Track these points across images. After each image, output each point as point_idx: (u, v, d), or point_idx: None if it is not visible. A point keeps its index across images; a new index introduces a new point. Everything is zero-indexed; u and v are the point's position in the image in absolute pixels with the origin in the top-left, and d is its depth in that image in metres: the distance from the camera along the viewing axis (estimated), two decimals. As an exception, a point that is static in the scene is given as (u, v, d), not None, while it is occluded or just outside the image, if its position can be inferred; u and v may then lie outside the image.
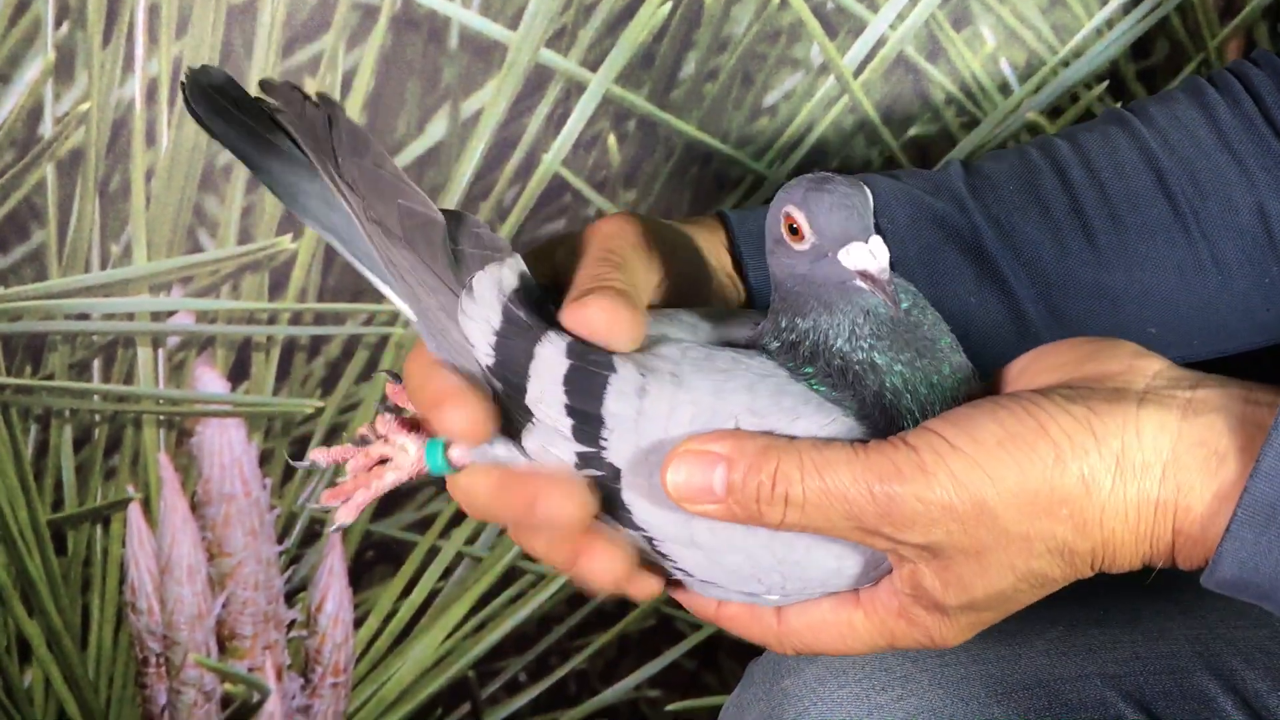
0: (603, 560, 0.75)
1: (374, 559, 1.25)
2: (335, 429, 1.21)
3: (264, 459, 1.21)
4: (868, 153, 1.22)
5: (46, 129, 1.12)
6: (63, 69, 1.11)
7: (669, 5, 1.16)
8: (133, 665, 1.24)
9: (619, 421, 0.74)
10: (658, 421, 0.74)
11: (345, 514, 0.80)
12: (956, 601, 0.73)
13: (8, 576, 1.21)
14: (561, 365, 0.75)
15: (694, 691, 1.32)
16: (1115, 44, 1.23)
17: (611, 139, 1.19)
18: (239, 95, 0.76)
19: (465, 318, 0.75)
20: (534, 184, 1.18)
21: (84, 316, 1.16)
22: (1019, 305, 0.92)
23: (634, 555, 0.76)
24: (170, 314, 1.17)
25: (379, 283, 0.77)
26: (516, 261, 0.76)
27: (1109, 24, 1.22)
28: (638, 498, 0.75)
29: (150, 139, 1.13)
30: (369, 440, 0.80)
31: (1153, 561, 0.72)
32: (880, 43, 1.20)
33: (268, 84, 0.75)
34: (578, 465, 0.75)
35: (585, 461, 0.75)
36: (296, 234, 1.16)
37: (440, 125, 1.16)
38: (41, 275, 1.14)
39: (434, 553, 1.25)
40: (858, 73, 1.20)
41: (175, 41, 1.11)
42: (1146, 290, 0.93)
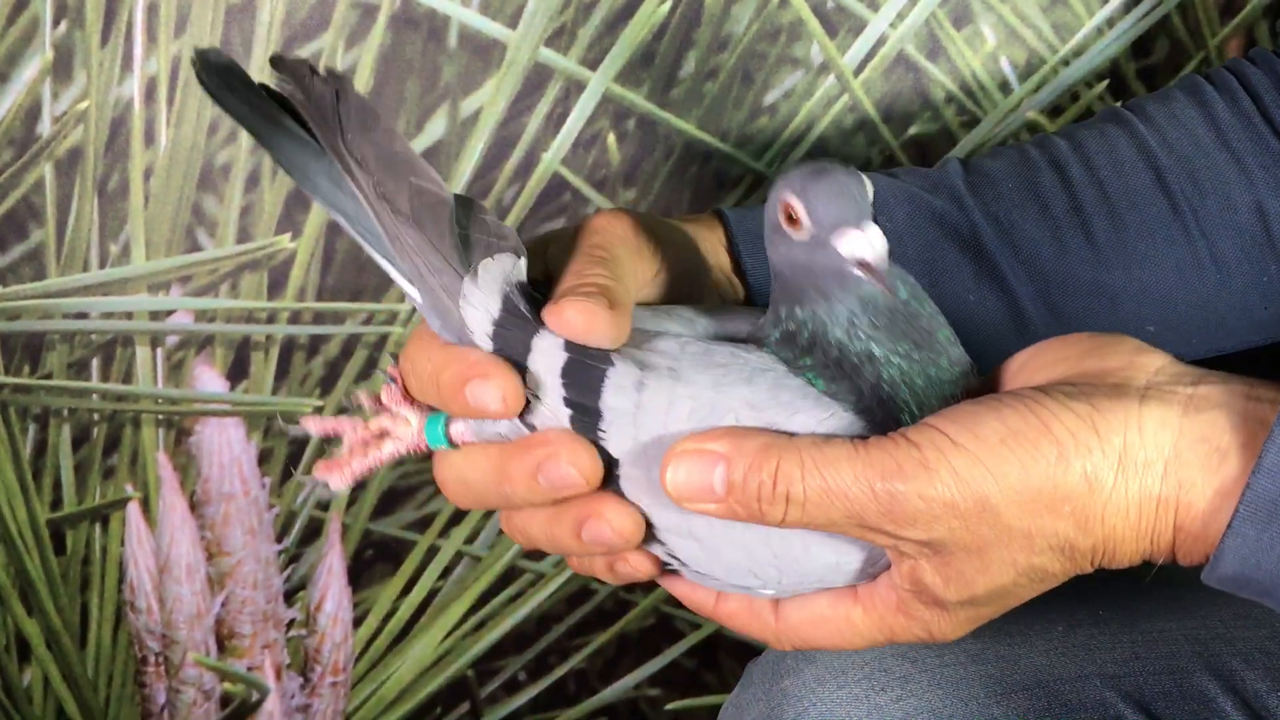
0: (614, 515, 0.74)
1: (373, 558, 1.25)
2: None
3: (263, 458, 1.21)
4: (868, 151, 1.22)
5: (45, 128, 1.12)
6: (61, 68, 1.11)
7: (669, 4, 1.16)
8: (132, 664, 1.24)
9: (617, 415, 0.74)
10: (656, 416, 0.74)
11: (339, 480, 0.80)
12: (957, 597, 0.72)
13: (7, 575, 1.20)
14: (559, 358, 0.75)
15: (693, 690, 1.32)
16: (1116, 43, 1.23)
17: (611, 138, 1.19)
18: (243, 78, 0.76)
19: (466, 303, 0.75)
20: (533, 183, 1.18)
21: (82, 315, 1.15)
22: (1018, 303, 0.92)
23: (640, 519, 0.75)
24: (169, 313, 1.17)
25: (384, 262, 0.77)
26: (521, 258, 0.76)
27: (1109, 23, 1.22)
28: (636, 489, 0.75)
29: (149, 138, 1.13)
30: (364, 408, 0.80)
31: (1153, 558, 0.72)
32: (880, 41, 1.20)
33: (278, 59, 0.75)
34: None
35: None
36: (295, 233, 1.16)
37: (439, 124, 1.16)
38: (40, 274, 1.14)
39: (433, 551, 1.25)
40: (858, 71, 1.20)
41: (174, 40, 1.11)
42: (1145, 288, 0.93)
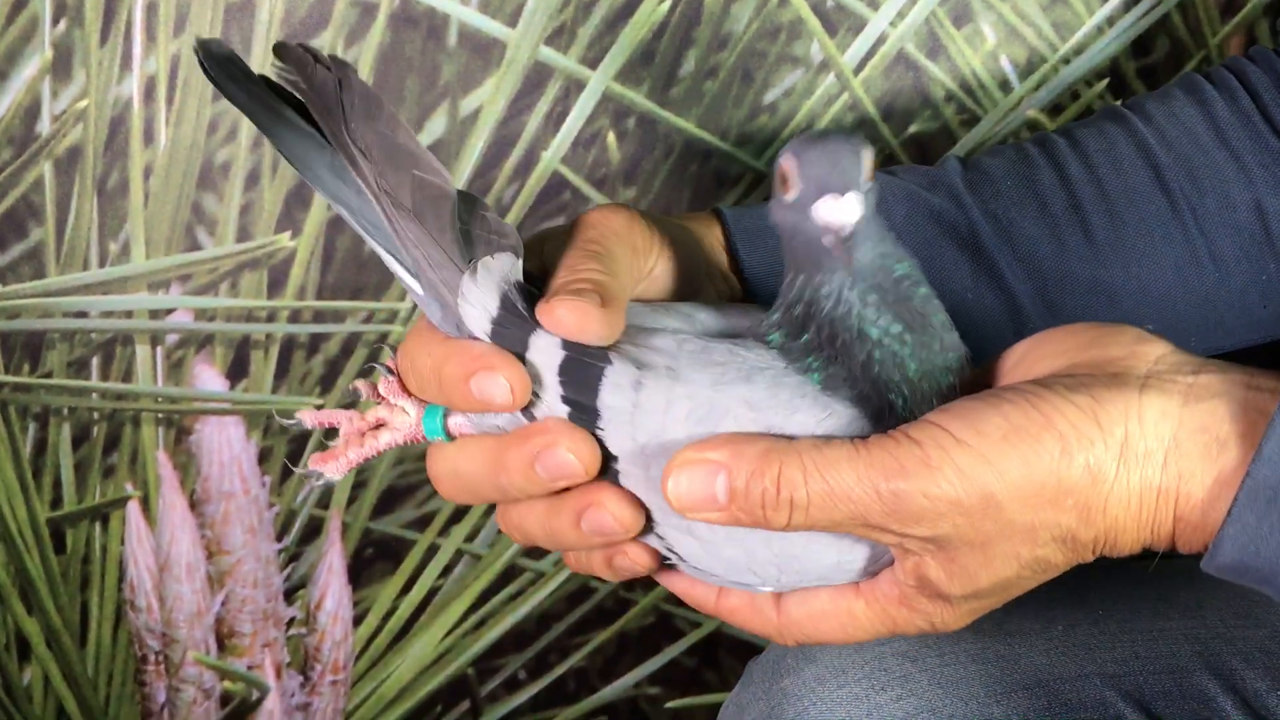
0: (614, 503, 0.74)
1: (373, 556, 1.25)
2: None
3: (263, 457, 1.21)
4: (868, 150, 1.22)
5: (44, 127, 1.12)
6: (60, 67, 1.11)
7: (668, 3, 1.16)
8: (132, 663, 1.24)
9: (615, 414, 0.74)
10: (654, 415, 0.74)
11: (334, 469, 0.80)
12: (961, 591, 0.73)
13: (7, 574, 1.20)
14: (557, 356, 0.75)
15: (694, 689, 1.32)
16: (1116, 41, 1.22)
17: (611, 136, 1.19)
18: (244, 70, 0.76)
19: (464, 301, 0.75)
20: (533, 181, 1.18)
21: (82, 314, 1.15)
22: (1016, 301, 0.92)
23: (641, 508, 0.75)
24: (169, 312, 1.17)
25: (384, 254, 0.77)
26: (519, 258, 0.77)
27: (1110, 21, 1.22)
28: (634, 485, 0.75)
29: (148, 137, 1.13)
30: (360, 394, 0.80)
31: (1153, 546, 0.72)
32: (880, 40, 1.20)
33: (281, 47, 0.75)
34: None
35: None
36: (295, 232, 1.16)
37: (439, 123, 1.16)
38: (40, 273, 1.14)
39: (433, 550, 1.25)
40: (858, 70, 1.20)
41: (173, 39, 1.11)
42: (1144, 286, 0.93)
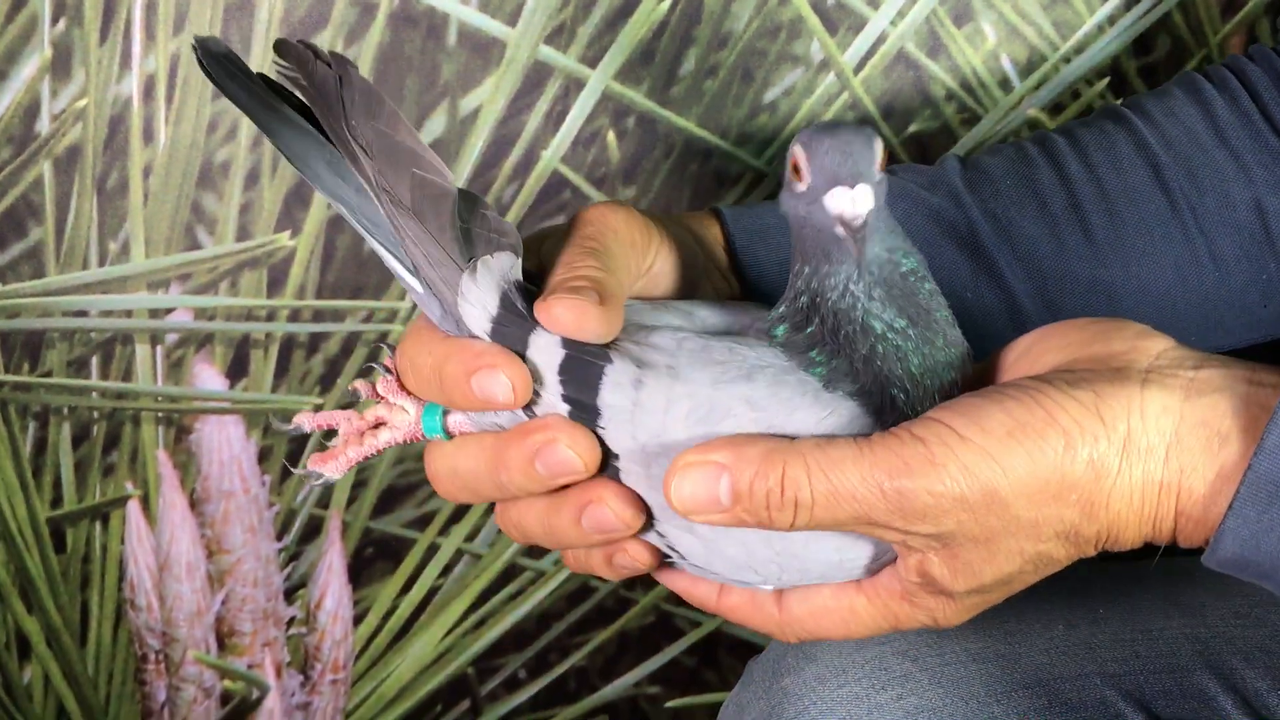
0: (614, 499, 0.75)
1: (373, 556, 1.25)
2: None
3: (263, 456, 1.21)
4: (868, 149, 1.22)
5: (43, 126, 1.12)
6: (60, 66, 1.11)
7: (668, 2, 1.16)
8: (132, 662, 1.24)
9: (615, 413, 0.74)
10: (654, 415, 0.74)
11: (334, 469, 0.80)
12: (965, 587, 0.73)
13: (7, 574, 1.21)
14: (557, 355, 0.75)
15: (694, 688, 1.32)
16: (1117, 40, 1.22)
17: (611, 135, 1.18)
18: (241, 68, 0.76)
19: (464, 300, 0.76)
20: (533, 181, 1.18)
21: (82, 314, 1.16)
22: (1015, 300, 0.92)
23: (641, 504, 0.75)
24: (168, 311, 1.17)
25: (384, 252, 0.77)
26: (519, 258, 0.77)
27: (1110, 20, 1.22)
28: (635, 483, 0.75)
29: (148, 136, 1.13)
30: (360, 395, 0.80)
31: (1155, 541, 0.73)
32: (881, 39, 1.19)
33: (282, 44, 0.75)
34: None
35: None
36: (295, 231, 1.16)
37: (439, 122, 1.16)
38: (39, 272, 1.14)
39: (433, 550, 1.25)
40: (858, 69, 1.20)
41: (172, 38, 1.11)
42: (1143, 286, 0.93)
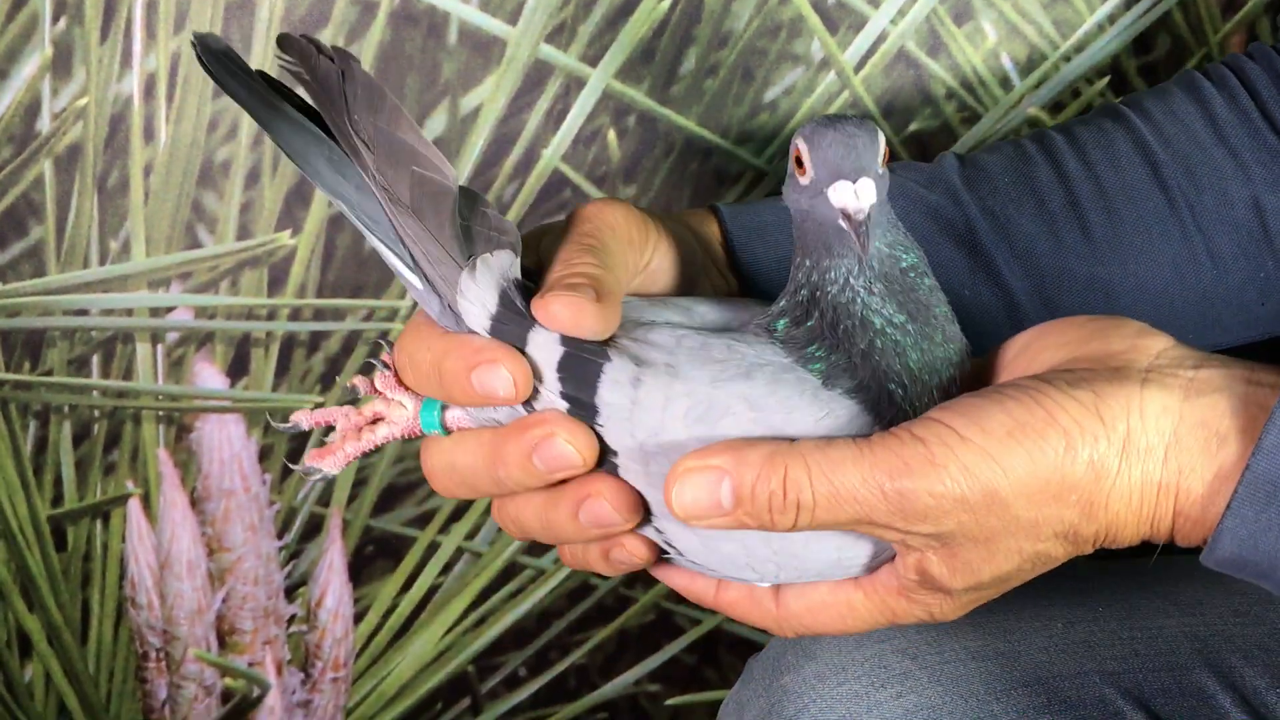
0: (613, 493, 0.75)
1: (374, 554, 1.25)
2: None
3: (263, 454, 1.21)
4: (868, 148, 1.22)
5: (44, 124, 1.12)
6: (60, 64, 1.11)
7: (669, 1, 1.16)
8: (133, 660, 1.24)
9: (614, 411, 0.74)
10: (653, 413, 0.74)
11: (332, 464, 0.80)
12: (963, 585, 0.73)
13: (8, 572, 1.21)
14: (555, 352, 0.75)
15: (694, 686, 1.32)
16: (1117, 39, 1.22)
17: (611, 134, 1.19)
18: (240, 65, 0.76)
19: (463, 298, 0.76)
20: (533, 179, 1.18)
21: (83, 312, 1.16)
22: (1013, 298, 0.92)
23: (639, 497, 0.76)
24: (169, 310, 1.17)
25: (384, 249, 0.77)
26: (518, 256, 0.77)
27: (1111, 19, 1.22)
28: (634, 480, 0.75)
29: (148, 134, 1.13)
30: (358, 391, 0.80)
31: (1153, 540, 0.73)
32: (881, 38, 1.19)
33: (285, 39, 0.75)
34: None
35: None
36: (296, 230, 1.16)
37: (439, 121, 1.16)
38: (40, 271, 1.14)
39: (434, 548, 1.25)
40: (858, 68, 1.20)
41: (173, 37, 1.11)
42: (1141, 283, 0.93)
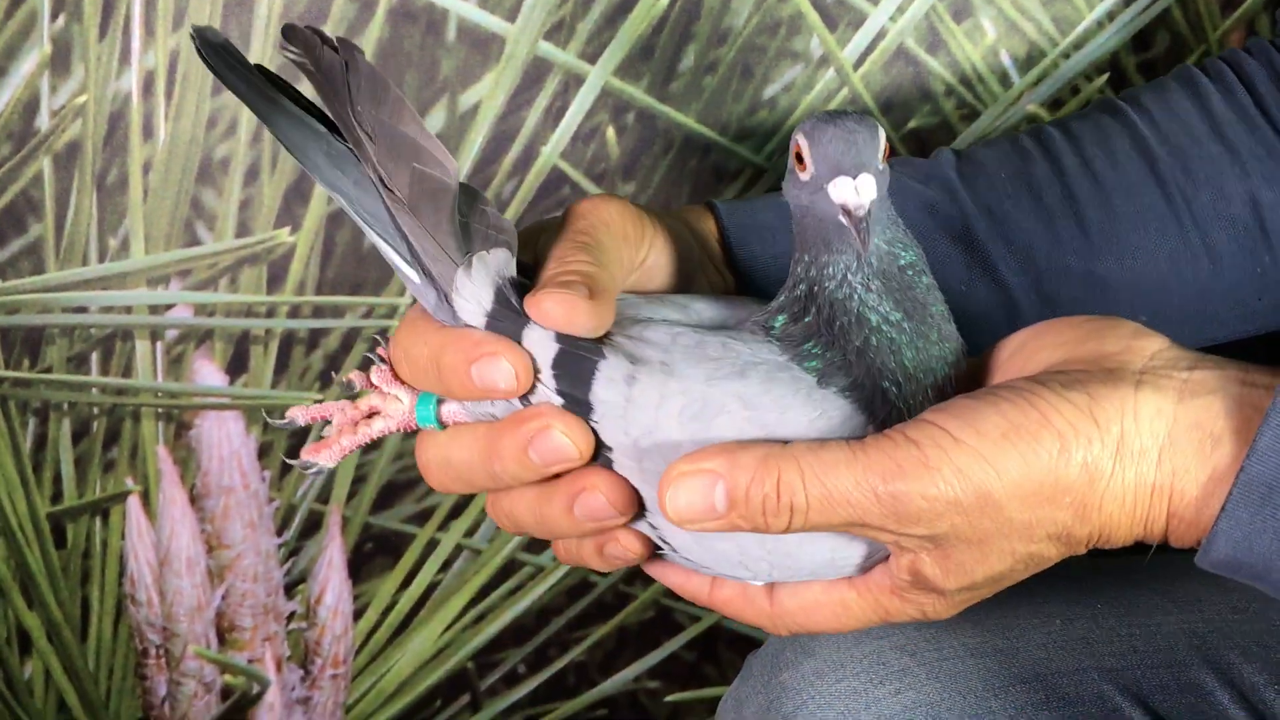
0: (608, 486, 0.75)
1: (373, 551, 1.25)
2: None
3: (263, 452, 1.21)
4: (867, 145, 1.22)
5: (43, 122, 1.12)
6: (59, 62, 1.11)
7: (668, -3, 1.16)
8: (132, 657, 1.24)
9: (608, 408, 0.74)
10: (647, 411, 0.74)
11: (327, 458, 0.80)
12: (956, 585, 0.73)
13: (7, 569, 1.21)
14: (551, 349, 0.75)
15: (693, 683, 1.32)
16: (1116, 36, 1.22)
17: (610, 131, 1.19)
18: (239, 59, 0.76)
19: (458, 295, 0.76)
20: (532, 176, 1.18)
21: (82, 310, 1.16)
22: (1010, 294, 0.92)
23: (633, 491, 0.76)
24: (168, 307, 1.17)
25: (382, 243, 0.77)
26: (514, 255, 0.77)
27: (1110, 16, 1.22)
28: (628, 476, 0.75)
29: (147, 132, 1.13)
30: (353, 386, 0.80)
31: (1147, 541, 0.73)
32: (880, 35, 1.19)
33: (290, 29, 0.75)
34: None
35: None
36: (295, 227, 1.17)
37: (438, 118, 1.16)
38: (39, 268, 1.14)
39: (433, 545, 1.25)
40: (858, 65, 1.20)
41: (172, 34, 1.11)
42: (1138, 279, 0.93)
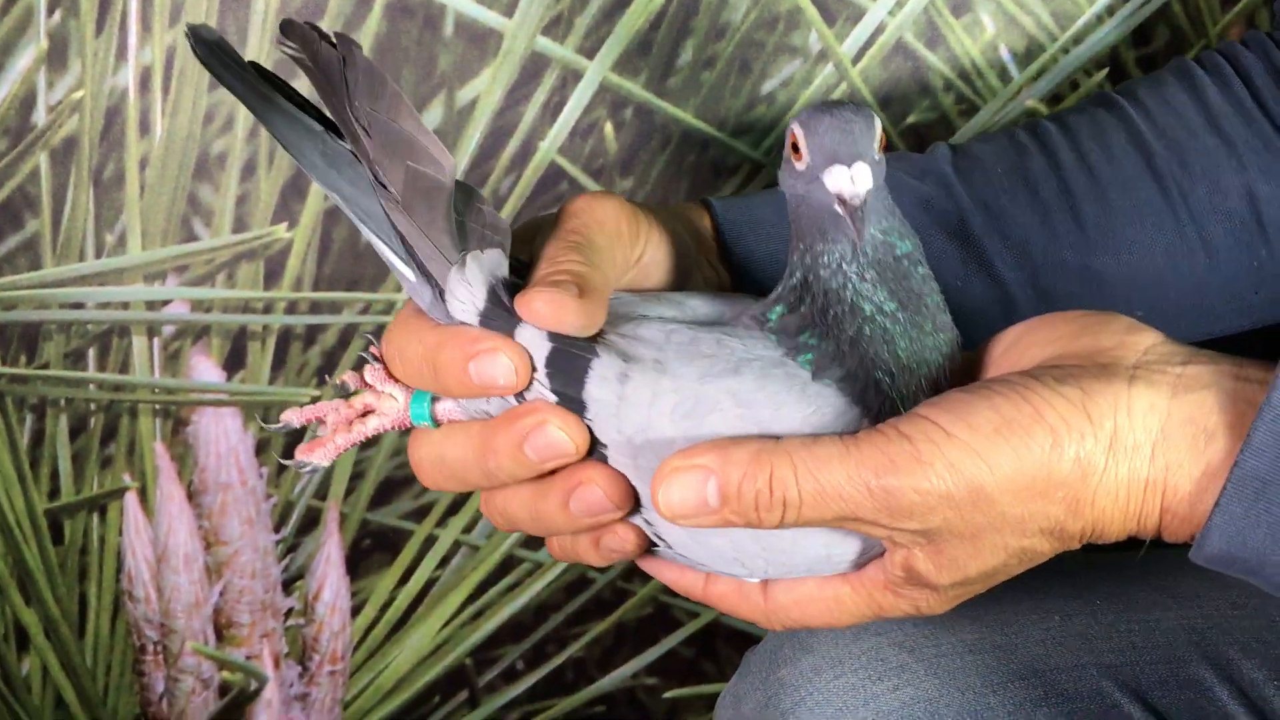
0: (604, 479, 0.75)
1: (371, 547, 1.25)
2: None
3: (260, 448, 1.21)
4: (866, 140, 1.22)
5: (40, 117, 1.12)
6: (56, 57, 1.11)
7: (665, -8, 1.16)
8: (130, 653, 1.24)
9: (602, 407, 0.74)
10: (640, 409, 0.74)
11: (322, 456, 0.80)
12: (949, 581, 0.73)
13: (5, 565, 1.21)
14: (544, 348, 0.75)
15: (691, 679, 1.32)
16: (1115, 30, 1.22)
17: (608, 127, 1.18)
18: (233, 56, 0.76)
19: (451, 295, 0.76)
20: (530, 172, 1.18)
21: (79, 305, 1.16)
22: (1006, 289, 0.92)
23: (629, 484, 0.76)
24: (165, 303, 1.17)
25: (378, 241, 0.77)
26: (506, 255, 0.77)
27: (1109, 10, 1.22)
28: (624, 471, 0.75)
29: (144, 127, 1.13)
30: (348, 388, 0.80)
31: (1140, 536, 0.73)
32: (879, 29, 1.19)
33: (288, 24, 0.75)
34: None
35: None
36: (292, 223, 1.16)
37: (436, 113, 1.16)
38: (36, 264, 1.14)
39: (431, 541, 1.25)
40: (856, 60, 1.20)
41: (168, 29, 1.11)
42: (1134, 273, 0.93)
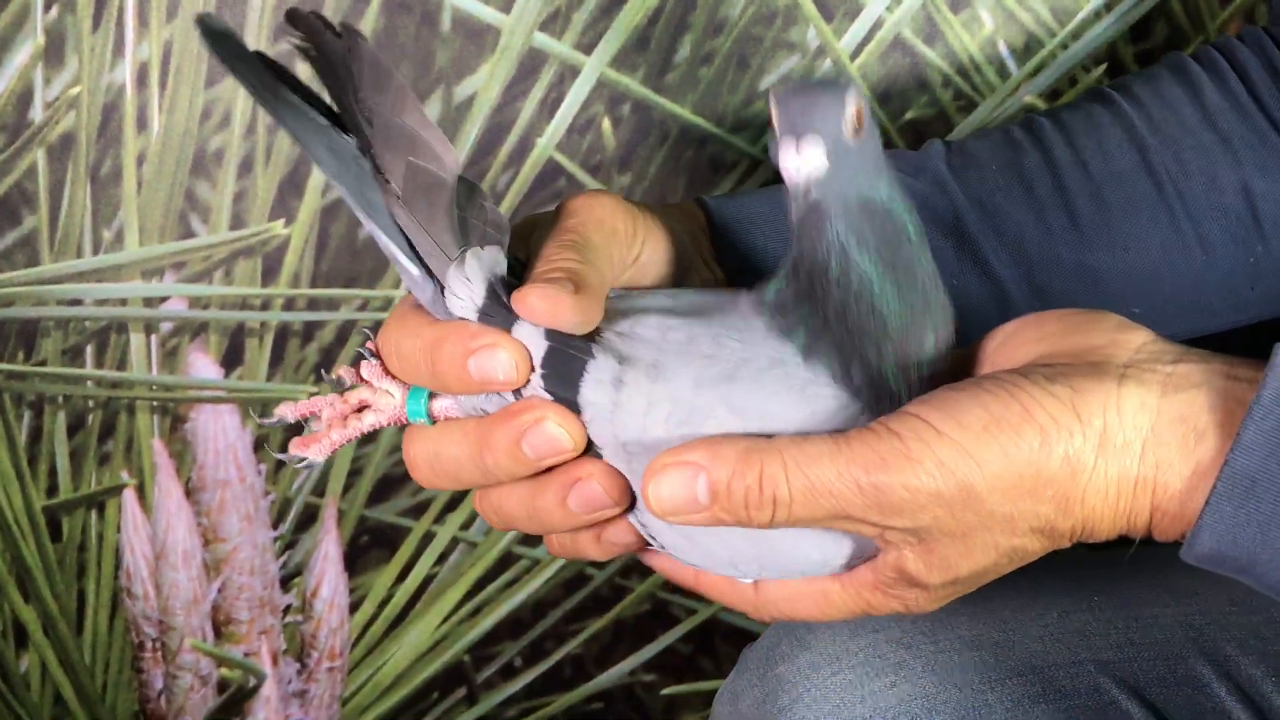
0: (602, 475, 0.75)
1: (369, 544, 1.25)
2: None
3: (258, 444, 1.21)
4: (864, 136, 1.22)
5: (37, 114, 1.12)
6: (53, 53, 1.11)
7: (663, -12, 1.16)
8: (129, 650, 1.24)
9: (596, 410, 0.74)
10: (634, 416, 0.74)
11: (317, 451, 0.80)
12: (940, 580, 0.73)
13: (3, 563, 1.21)
14: (540, 346, 0.75)
15: (689, 676, 1.32)
16: (1114, 26, 1.22)
17: (606, 123, 1.18)
18: (241, 48, 0.76)
19: (449, 290, 0.75)
20: (528, 168, 1.18)
21: (76, 302, 1.16)
22: (1001, 286, 0.92)
23: (627, 480, 0.76)
24: (163, 299, 1.17)
25: (380, 235, 0.77)
26: (505, 252, 0.77)
27: (1108, 6, 1.21)
28: (620, 470, 0.75)
29: (141, 124, 1.13)
30: (344, 382, 0.80)
31: (1130, 535, 0.73)
32: (877, 25, 1.19)
33: (293, 14, 0.75)
34: None
35: None
36: (289, 219, 1.17)
37: (433, 109, 1.16)
38: (33, 261, 1.14)
39: (429, 538, 1.25)
40: (854, 55, 1.20)
41: (165, 25, 1.11)
42: (1130, 270, 0.93)
